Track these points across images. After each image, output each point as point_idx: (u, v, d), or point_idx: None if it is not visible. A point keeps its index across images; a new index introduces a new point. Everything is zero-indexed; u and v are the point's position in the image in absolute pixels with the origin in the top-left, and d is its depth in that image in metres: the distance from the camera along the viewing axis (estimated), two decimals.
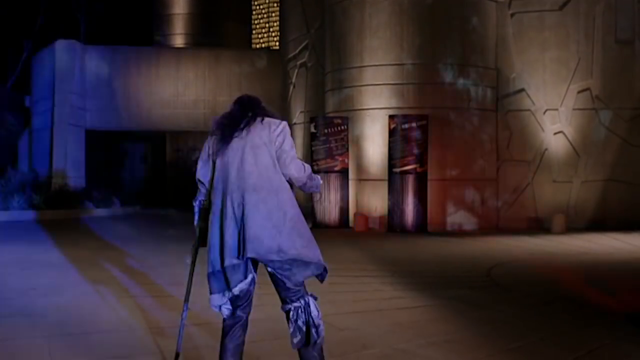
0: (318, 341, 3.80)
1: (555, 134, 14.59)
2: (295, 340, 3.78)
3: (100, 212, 17.07)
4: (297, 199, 3.92)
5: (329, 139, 14.24)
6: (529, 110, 14.67)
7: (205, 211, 3.87)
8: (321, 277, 3.88)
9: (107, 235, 12.76)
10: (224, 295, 3.73)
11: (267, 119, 3.82)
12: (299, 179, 3.83)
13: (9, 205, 16.07)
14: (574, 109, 14.53)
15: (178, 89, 20.29)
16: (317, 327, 3.78)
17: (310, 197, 14.75)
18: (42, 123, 20.10)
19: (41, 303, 6.43)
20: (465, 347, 5.01)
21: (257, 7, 30.54)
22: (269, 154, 3.74)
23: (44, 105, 20.00)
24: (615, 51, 14.53)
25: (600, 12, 14.50)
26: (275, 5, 28.56)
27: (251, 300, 3.85)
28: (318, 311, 3.83)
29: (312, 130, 14.49)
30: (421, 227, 13.31)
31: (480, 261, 9.48)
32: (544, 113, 14.62)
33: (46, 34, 22.38)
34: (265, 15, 30.20)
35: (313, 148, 14.45)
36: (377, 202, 14.14)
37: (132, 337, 5.20)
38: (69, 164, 19.16)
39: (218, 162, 3.76)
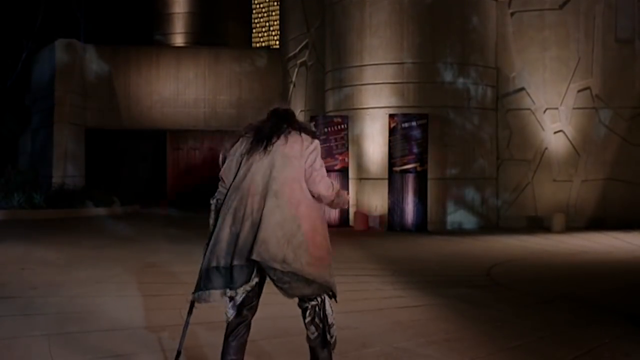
0: (332, 341, 3.86)
1: (555, 133, 14.59)
2: (312, 337, 3.82)
3: (100, 211, 17.07)
4: None
5: (329, 137, 14.24)
6: (529, 109, 14.67)
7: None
8: (332, 297, 3.89)
9: (107, 234, 12.76)
10: (224, 293, 3.71)
11: (302, 134, 3.87)
12: (328, 197, 3.87)
13: (9, 204, 16.07)
14: (574, 108, 14.54)
15: (178, 87, 20.29)
16: (330, 326, 3.84)
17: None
18: (42, 122, 20.10)
19: (41, 302, 6.44)
20: (465, 346, 5.02)
21: (257, 6, 30.56)
22: (298, 166, 3.77)
23: (44, 104, 20.01)
24: (615, 50, 14.53)
25: (601, 11, 14.50)
26: (275, 4, 28.58)
27: (258, 301, 3.87)
28: (332, 310, 3.87)
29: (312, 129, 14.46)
30: (421, 226, 13.31)
31: (481, 260, 9.48)
32: (544, 112, 14.63)
33: (46, 33, 22.37)
34: (265, 14, 30.22)
35: None
36: (377, 201, 14.14)
37: (132, 335, 5.21)
38: (69, 163, 19.17)
39: (245, 162, 3.79)
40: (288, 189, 3.72)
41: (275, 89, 20.48)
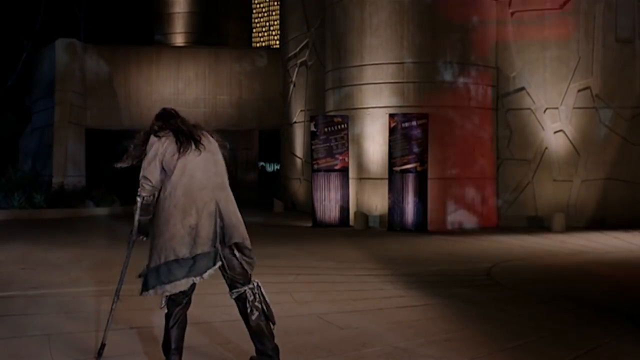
0: (273, 320, 4.23)
1: (555, 132, 14.59)
2: (254, 317, 4.15)
3: (101, 211, 17.08)
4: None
5: (329, 137, 14.25)
6: (529, 109, 14.68)
7: (147, 206, 4.22)
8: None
9: (107, 234, 12.77)
10: (189, 281, 4.06)
11: (207, 135, 4.31)
12: None
13: (10, 203, 16.07)
14: (574, 108, 14.54)
15: (178, 87, 20.30)
16: (268, 305, 4.23)
17: (310, 196, 14.78)
18: (43, 122, 20.11)
19: (42, 302, 6.45)
20: (465, 346, 5.02)
21: (258, 6, 30.67)
22: (221, 159, 4.29)
23: (44, 104, 20.02)
24: (616, 50, 14.53)
25: (601, 11, 14.50)
26: (275, 4, 28.66)
27: (192, 293, 4.21)
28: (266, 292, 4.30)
29: (312, 129, 14.49)
30: (421, 225, 13.32)
31: (481, 260, 9.49)
32: (544, 112, 14.63)
33: (46, 33, 22.39)
34: (265, 14, 30.27)
35: (313, 147, 14.46)
36: (377, 200, 14.15)
37: (133, 335, 5.21)
38: (69, 162, 19.17)
39: (178, 161, 4.10)
40: (226, 180, 4.25)
41: (276, 89, 20.50)
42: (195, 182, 4.08)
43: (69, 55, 19.44)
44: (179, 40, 26.58)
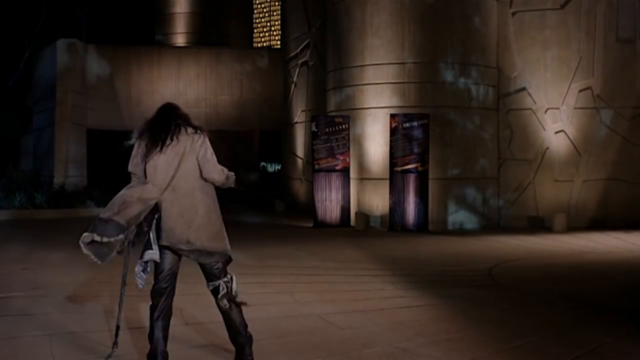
0: (238, 302, 4.49)
1: (556, 132, 14.59)
2: (225, 307, 4.44)
3: (102, 211, 17.06)
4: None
5: (330, 138, 14.25)
6: (530, 109, 14.67)
7: None
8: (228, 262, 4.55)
9: None
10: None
11: (190, 130, 4.45)
12: (219, 181, 4.51)
13: (11, 204, 16.07)
14: (575, 108, 14.53)
15: (179, 87, 20.32)
16: (236, 295, 4.48)
17: (311, 197, 14.79)
18: (44, 122, 20.13)
19: (43, 302, 6.45)
20: (466, 346, 5.02)
21: (259, 6, 30.67)
22: (191, 161, 4.39)
23: (45, 104, 20.03)
24: (617, 50, 14.52)
25: (602, 11, 14.49)
26: (276, 4, 28.66)
27: (174, 283, 4.46)
28: (237, 284, 4.53)
29: (314, 129, 14.50)
30: (422, 226, 13.32)
31: (482, 260, 9.49)
32: (545, 112, 14.63)
33: (48, 33, 22.41)
34: (266, 14, 30.28)
35: (314, 147, 14.46)
36: (378, 201, 14.15)
37: (132, 335, 5.22)
38: (70, 163, 19.18)
39: (149, 164, 4.38)
40: (183, 182, 4.35)
41: (277, 89, 20.50)
42: (155, 181, 4.37)
43: (70, 56, 19.46)
44: (180, 40, 26.61)
